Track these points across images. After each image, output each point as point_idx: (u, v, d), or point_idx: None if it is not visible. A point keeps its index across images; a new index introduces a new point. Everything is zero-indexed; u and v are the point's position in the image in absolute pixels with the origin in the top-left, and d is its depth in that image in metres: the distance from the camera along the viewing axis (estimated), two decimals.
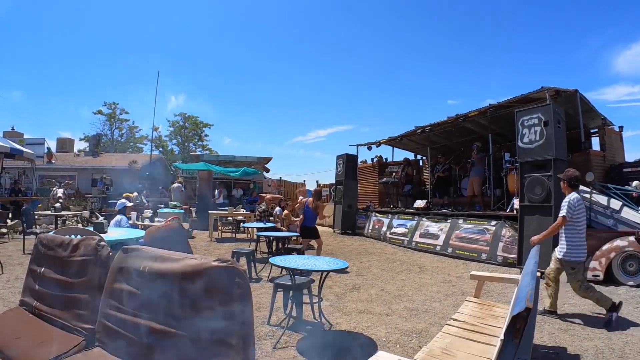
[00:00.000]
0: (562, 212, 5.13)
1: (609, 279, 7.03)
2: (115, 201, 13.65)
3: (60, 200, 15.63)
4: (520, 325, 2.02)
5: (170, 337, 2.32)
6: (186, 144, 52.32)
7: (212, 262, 2.30)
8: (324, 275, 4.73)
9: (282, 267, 4.54)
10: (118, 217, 8.27)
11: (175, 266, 2.43)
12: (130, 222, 9.02)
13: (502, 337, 2.08)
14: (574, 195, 5.17)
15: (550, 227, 5.21)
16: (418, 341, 4.46)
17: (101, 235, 4.26)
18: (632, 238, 6.89)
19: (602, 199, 8.60)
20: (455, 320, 3.69)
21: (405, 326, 5.02)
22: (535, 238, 5.21)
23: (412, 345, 4.36)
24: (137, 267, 2.57)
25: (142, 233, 6.23)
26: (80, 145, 42.81)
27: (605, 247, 7.15)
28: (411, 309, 5.76)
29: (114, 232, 6.54)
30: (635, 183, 9.85)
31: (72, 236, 3.38)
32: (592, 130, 12.20)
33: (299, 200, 10.13)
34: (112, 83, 77.97)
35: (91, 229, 5.93)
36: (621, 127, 13.31)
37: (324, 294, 6.22)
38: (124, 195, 13.70)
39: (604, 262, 7.07)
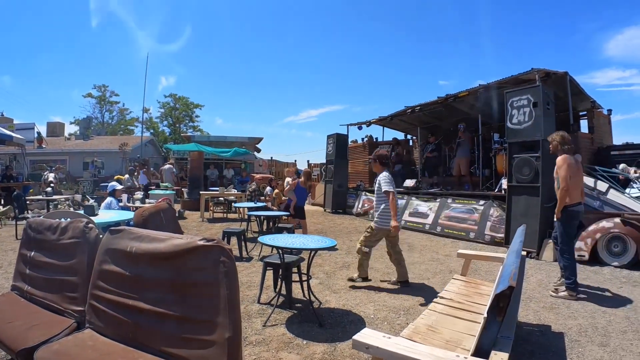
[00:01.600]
0: (389, 188, 5.56)
1: (594, 259, 7.14)
2: (106, 184, 13.62)
3: (52, 185, 15.53)
4: (503, 303, 2.07)
5: (159, 316, 2.35)
6: (177, 125, 51.92)
7: (198, 242, 2.32)
8: (312, 254, 4.78)
9: (272, 246, 4.57)
10: (108, 199, 8.26)
11: (161, 246, 2.44)
12: (121, 204, 9.01)
13: (485, 315, 2.13)
14: (386, 172, 5.73)
15: (392, 205, 5.52)
16: (405, 318, 4.55)
17: (91, 218, 4.26)
18: (617, 220, 6.99)
19: (589, 181, 8.68)
20: (442, 297, 3.75)
21: (393, 303, 5.11)
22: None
23: (399, 322, 4.44)
24: (124, 248, 2.59)
25: (132, 215, 6.24)
26: (70, 129, 42.83)
27: (591, 228, 7.25)
28: (399, 287, 5.85)
29: (105, 215, 6.55)
30: (622, 166, 9.96)
31: (62, 219, 3.39)
32: (581, 113, 12.28)
33: (287, 181, 10.16)
34: (102, 65, 76.72)
35: (82, 212, 5.93)
36: (610, 111, 13.42)
37: (313, 272, 6.31)
38: (115, 177, 13.63)
39: (589, 243, 7.17)
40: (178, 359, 2.24)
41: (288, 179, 10.40)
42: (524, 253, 4.29)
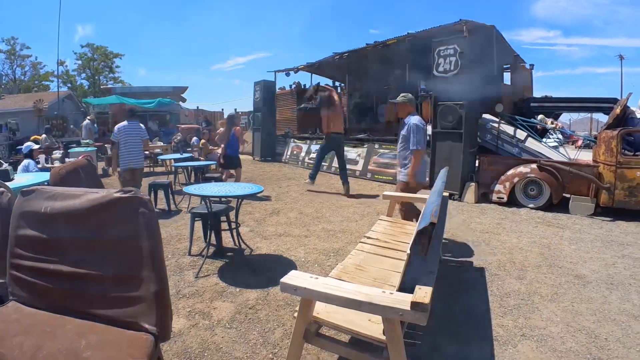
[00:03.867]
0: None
1: (512, 201, 7.60)
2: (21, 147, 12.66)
3: None
4: (425, 239, 2.12)
5: (82, 278, 2.23)
6: (96, 77, 48.32)
7: (115, 194, 2.19)
8: (240, 201, 4.73)
9: (198, 196, 4.48)
10: (25, 161, 7.73)
11: (76, 203, 2.28)
12: (39, 165, 8.44)
13: (409, 251, 2.18)
14: (125, 122, 6.82)
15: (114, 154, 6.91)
16: (335, 260, 4.66)
17: (5, 183, 3.91)
18: (534, 165, 7.42)
19: (509, 129, 9.10)
20: (369, 237, 3.84)
21: (323, 246, 5.24)
22: None
23: (330, 264, 4.56)
24: (38, 209, 2.38)
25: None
26: None
27: (510, 172, 7.65)
28: (328, 230, 5.99)
29: (21, 179, 6.09)
30: (540, 117, 10.53)
31: None
32: (504, 66, 12.69)
33: (218, 131, 9.92)
34: (8, 15, 69.24)
35: None
36: (532, 65, 14.08)
37: (244, 219, 6.31)
38: (32, 138, 12.67)
39: (507, 186, 7.59)
40: (107, 320, 2.15)
41: (221, 128, 10.13)
42: (447, 194, 4.45)
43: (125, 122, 6.78)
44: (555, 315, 3.41)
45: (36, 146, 8.71)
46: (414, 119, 5.08)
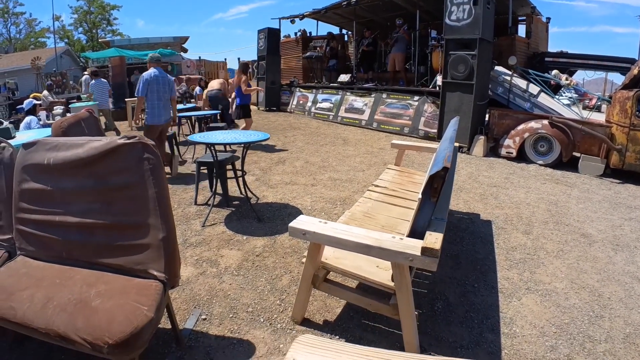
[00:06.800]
0: None
1: (521, 156, 7.49)
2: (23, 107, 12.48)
3: None
4: (437, 184, 2.06)
5: (88, 228, 2.21)
6: (94, 31, 46.98)
7: (118, 141, 2.16)
8: (245, 149, 4.67)
9: (202, 143, 4.42)
10: (27, 118, 7.62)
11: (80, 152, 2.23)
12: (41, 122, 8.34)
13: (420, 196, 2.13)
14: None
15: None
16: (342, 208, 4.66)
17: (8, 141, 3.82)
18: (545, 121, 7.25)
19: (521, 83, 8.86)
20: (377, 186, 3.79)
21: (330, 195, 5.22)
22: None
23: (336, 212, 4.57)
24: (41, 161, 2.33)
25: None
26: None
27: (520, 127, 7.51)
28: (335, 179, 5.96)
29: (23, 136, 6.01)
30: (554, 72, 10.19)
31: None
32: (520, 18, 12.25)
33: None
34: None
35: None
36: (548, 19, 13.54)
37: (250, 169, 6.29)
38: (32, 95, 12.46)
39: (517, 141, 7.46)
40: (115, 269, 2.15)
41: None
42: (456, 145, 4.36)
43: (93, 81, 10.83)
44: (560, 271, 3.40)
45: (38, 102, 8.58)
46: (145, 73, 5.88)
